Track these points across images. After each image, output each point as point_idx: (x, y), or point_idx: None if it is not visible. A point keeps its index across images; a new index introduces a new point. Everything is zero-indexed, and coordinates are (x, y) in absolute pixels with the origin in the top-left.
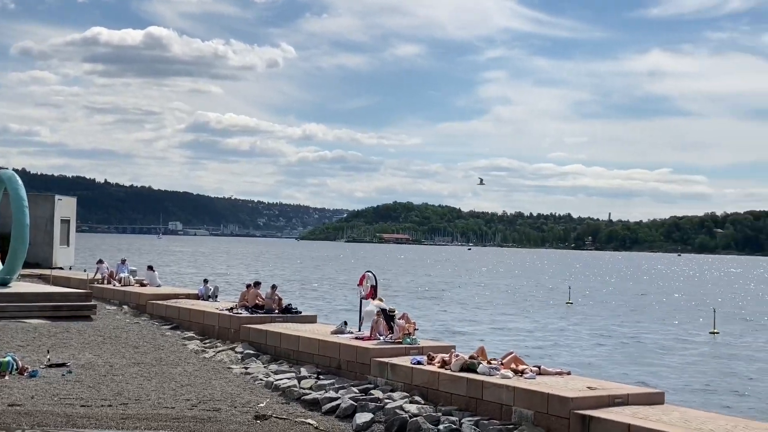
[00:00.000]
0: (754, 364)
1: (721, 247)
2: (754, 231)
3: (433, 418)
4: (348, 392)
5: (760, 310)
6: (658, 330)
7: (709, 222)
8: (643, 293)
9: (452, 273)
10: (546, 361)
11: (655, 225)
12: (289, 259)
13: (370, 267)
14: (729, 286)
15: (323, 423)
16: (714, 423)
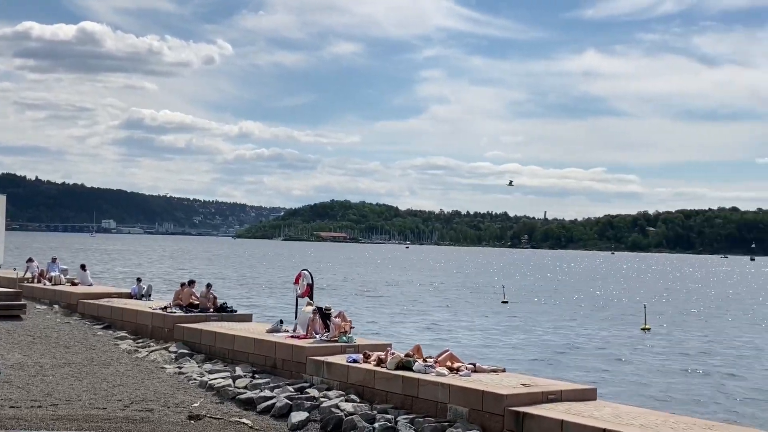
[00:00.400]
0: (685, 360)
1: (653, 245)
2: (685, 229)
3: (368, 417)
4: (283, 391)
5: (690, 307)
6: (590, 327)
7: (641, 221)
8: (577, 290)
9: (389, 271)
10: (481, 358)
11: (590, 223)
12: (225, 258)
13: (307, 265)
14: (660, 283)
15: (258, 422)
16: (645, 418)
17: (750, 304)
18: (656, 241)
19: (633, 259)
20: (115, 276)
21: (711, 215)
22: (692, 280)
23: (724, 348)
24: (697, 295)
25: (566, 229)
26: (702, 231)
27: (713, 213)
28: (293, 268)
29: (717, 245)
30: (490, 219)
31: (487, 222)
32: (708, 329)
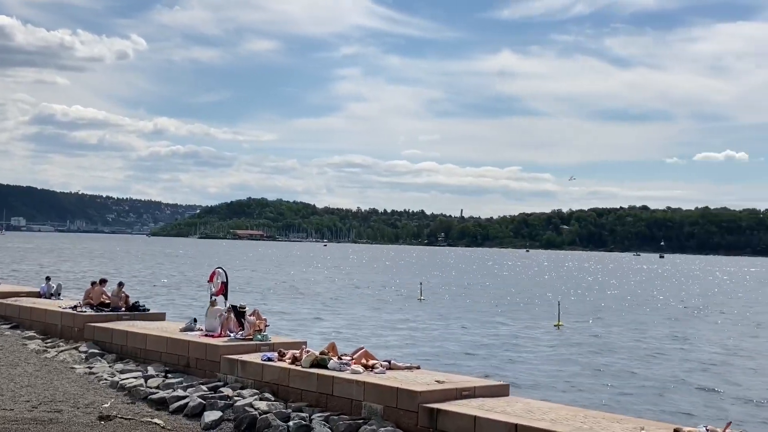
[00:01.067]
0: (596, 356)
1: (567, 243)
2: (598, 227)
3: (283, 415)
4: (196, 390)
5: (604, 304)
6: (505, 324)
7: (555, 219)
8: (492, 288)
9: (306, 269)
10: (396, 356)
11: (505, 222)
12: (139, 256)
13: (223, 263)
14: (574, 280)
15: (170, 422)
16: (556, 413)
17: (662, 301)
18: (570, 239)
19: (547, 257)
20: (24, 274)
21: (622, 214)
22: (605, 277)
23: (634, 343)
24: (609, 292)
25: (482, 227)
26: (614, 229)
27: (624, 211)
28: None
29: (628, 243)
30: (407, 217)
31: (404, 220)
32: (620, 325)
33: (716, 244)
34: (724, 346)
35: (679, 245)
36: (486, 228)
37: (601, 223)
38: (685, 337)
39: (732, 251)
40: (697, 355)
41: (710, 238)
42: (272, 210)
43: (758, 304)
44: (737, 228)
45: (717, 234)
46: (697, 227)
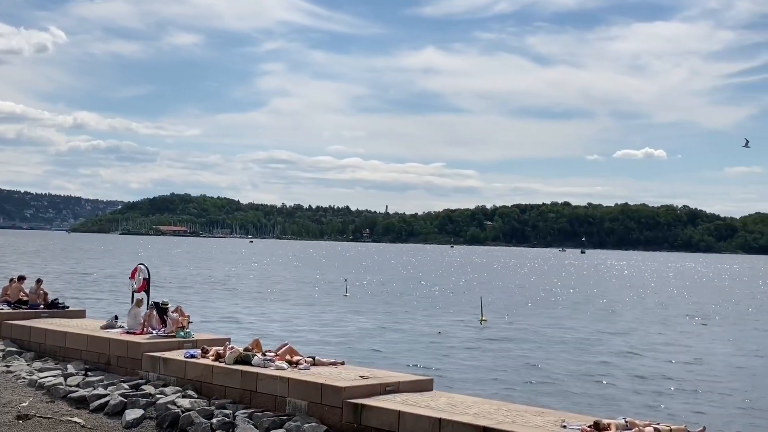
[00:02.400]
0: (520, 350)
1: (491, 238)
2: (521, 223)
3: (206, 412)
4: (117, 388)
5: (527, 299)
6: (430, 319)
7: (479, 215)
8: (417, 283)
9: (232, 265)
10: (321, 352)
11: (430, 217)
12: (58, 252)
13: (146, 260)
14: (499, 275)
15: (91, 421)
16: (479, 407)
17: (585, 296)
18: (493, 234)
19: (471, 253)
20: None
21: (545, 210)
22: (530, 273)
23: (557, 338)
24: (534, 288)
25: (407, 223)
26: (536, 225)
27: (547, 207)
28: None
29: (550, 238)
30: (332, 213)
31: (330, 216)
32: (544, 319)
33: (635, 240)
34: (642, 339)
35: (599, 241)
36: (411, 224)
37: (524, 219)
38: (608, 331)
39: (650, 247)
40: (619, 348)
41: (629, 234)
42: (196, 206)
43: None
44: (655, 224)
45: (636, 230)
46: (617, 223)
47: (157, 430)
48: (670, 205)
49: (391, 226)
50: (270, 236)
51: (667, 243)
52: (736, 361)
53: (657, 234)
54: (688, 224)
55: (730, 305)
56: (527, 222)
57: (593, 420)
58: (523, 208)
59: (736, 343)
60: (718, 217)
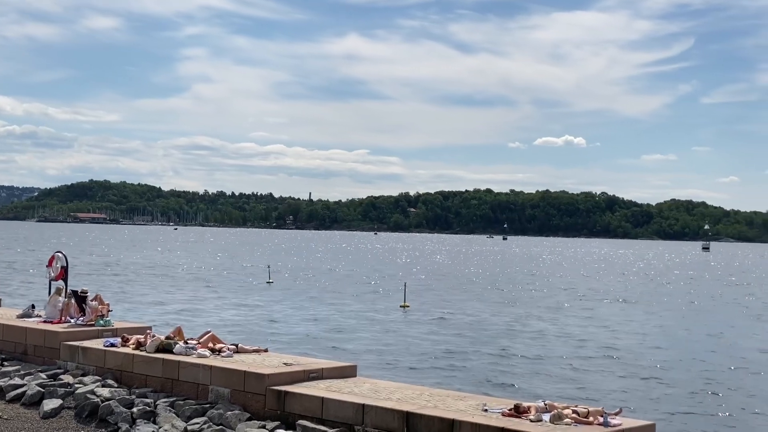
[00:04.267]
0: (442, 336)
1: (414, 225)
2: (444, 210)
3: (126, 401)
4: (35, 378)
5: (451, 284)
6: (352, 305)
7: (403, 201)
8: (341, 270)
9: (155, 252)
10: (244, 339)
11: (354, 204)
12: None
13: (64, 247)
14: (421, 261)
15: (7, 411)
16: (402, 392)
17: (510, 281)
18: (417, 221)
19: (395, 239)
20: None
21: (467, 196)
22: (453, 259)
23: (479, 323)
24: (458, 274)
25: (331, 210)
26: (459, 211)
27: (469, 194)
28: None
29: (473, 225)
30: (255, 200)
31: (253, 203)
32: (467, 305)
33: (555, 226)
34: (561, 322)
35: (521, 227)
36: (334, 211)
37: (447, 205)
38: (530, 316)
39: (570, 233)
40: (538, 332)
41: (550, 220)
42: (115, 192)
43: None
44: (575, 210)
45: (556, 216)
46: (538, 210)
47: (76, 420)
48: (589, 192)
49: (315, 213)
50: (193, 223)
51: (586, 229)
52: (651, 342)
53: (576, 220)
54: (607, 211)
55: (646, 288)
56: (450, 209)
57: (513, 403)
58: (446, 195)
59: (651, 325)
60: (635, 204)
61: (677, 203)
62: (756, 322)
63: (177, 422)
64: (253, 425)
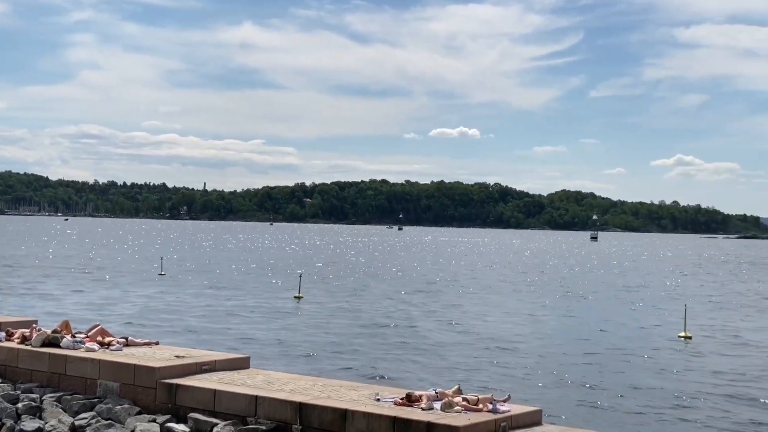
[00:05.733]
0: (336, 326)
1: (310, 215)
2: (340, 201)
3: (11, 397)
4: None
5: (345, 275)
6: (246, 296)
7: (299, 192)
8: (235, 261)
9: (42, 244)
10: (134, 332)
11: (249, 195)
12: None
13: None
14: (316, 252)
15: None
16: (295, 383)
17: (396, 273)
18: (313, 211)
19: (291, 230)
20: None
21: (363, 187)
22: (349, 250)
23: (372, 313)
24: (354, 264)
25: (226, 200)
26: (355, 202)
27: (365, 185)
28: None
29: (369, 215)
30: (147, 190)
31: (145, 193)
32: (361, 296)
33: (450, 217)
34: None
35: (416, 217)
36: (230, 201)
37: (343, 196)
38: (427, 306)
39: (464, 223)
40: (435, 322)
41: (445, 211)
42: (0, 182)
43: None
44: (469, 201)
45: (451, 207)
46: (433, 200)
47: None
48: (483, 183)
49: (210, 204)
50: (82, 214)
51: (480, 219)
52: (539, 330)
53: (471, 210)
54: (500, 201)
55: (536, 278)
56: (346, 199)
57: (405, 392)
58: (342, 186)
59: (539, 314)
60: (527, 195)
61: (567, 194)
62: (637, 309)
63: (64, 417)
64: (143, 419)
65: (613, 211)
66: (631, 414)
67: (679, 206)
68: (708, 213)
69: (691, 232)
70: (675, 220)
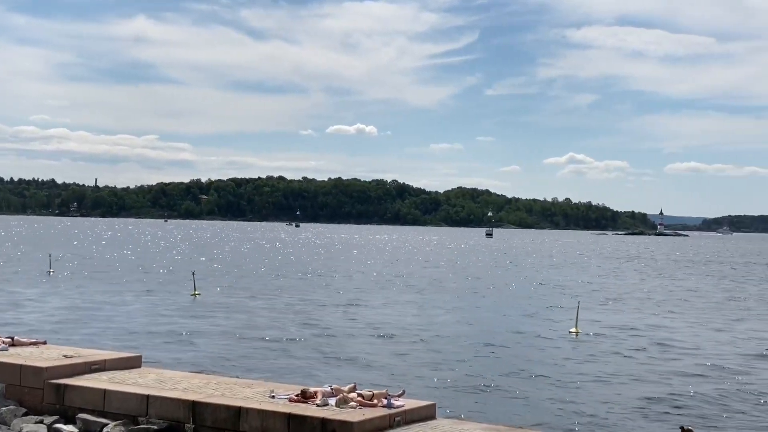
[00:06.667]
0: (231, 324)
1: (206, 212)
2: (236, 197)
3: None
4: None
5: (242, 272)
6: (140, 294)
7: (194, 188)
8: (128, 259)
9: None
10: (21, 332)
11: (143, 191)
12: None
13: None
14: (213, 249)
15: None
16: (188, 382)
17: (292, 269)
18: (208, 208)
19: (186, 227)
20: None
21: (260, 184)
22: (246, 247)
23: (267, 309)
24: (251, 262)
25: (118, 197)
26: (252, 199)
27: (262, 181)
28: None
29: (266, 212)
30: (36, 186)
31: (33, 189)
32: (255, 293)
33: (347, 213)
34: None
35: (313, 214)
36: (122, 198)
37: (239, 192)
38: (322, 300)
39: (361, 220)
40: (329, 317)
41: (342, 208)
42: None
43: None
44: (366, 198)
45: (348, 203)
46: (330, 197)
47: None
48: (380, 180)
49: (102, 200)
50: None
51: (377, 216)
52: (433, 326)
53: (368, 207)
54: (397, 198)
55: (432, 273)
56: (243, 196)
57: (301, 389)
58: (238, 182)
59: (435, 310)
60: (424, 192)
61: (463, 191)
62: (532, 305)
63: None
64: (29, 420)
65: (507, 208)
66: (521, 404)
67: (571, 203)
68: (598, 210)
69: (583, 228)
70: (567, 216)
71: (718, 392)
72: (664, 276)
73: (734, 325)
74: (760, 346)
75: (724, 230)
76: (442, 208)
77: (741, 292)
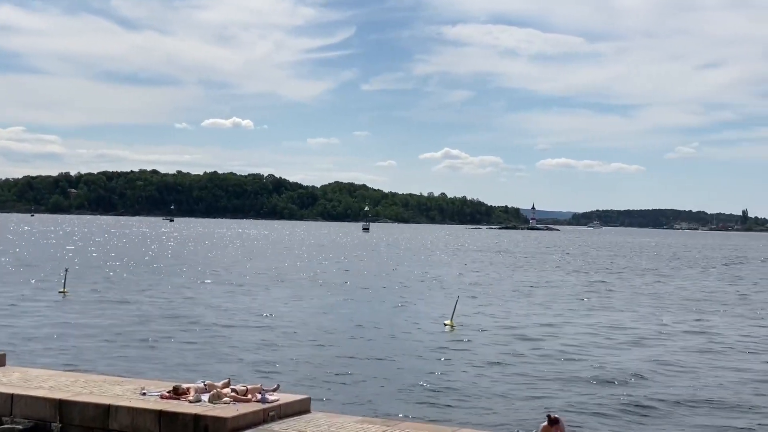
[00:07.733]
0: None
1: (75, 206)
2: (108, 191)
3: None
4: None
5: (114, 269)
6: (5, 291)
7: (63, 182)
8: None
9: None
10: None
11: (8, 185)
12: None
13: None
14: (83, 245)
15: None
16: (55, 380)
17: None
18: (78, 202)
19: (54, 221)
20: None
21: (132, 177)
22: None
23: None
24: (123, 257)
25: None
26: (124, 193)
27: (135, 175)
28: None
29: (138, 207)
30: None
31: None
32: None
33: (223, 208)
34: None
35: (188, 209)
36: None
37: (111, 186)
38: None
39: (238, 214)
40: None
41: (218, 202)
42: None
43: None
44: (243, 192)
45: (224, 198)
46: (206, 191)
47: None
48: (257, 174)
49: None
50: None
51: (254, 210)
52: (308, 320)
53: (245, 202)
54: (274, 192)
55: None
56: (114, 190)
57: (173, 385)
58: (110, 176)
59: (314, 304)
60: (301, 186)
61: (340, 186)
62: (408, 299)
63: None
64: None
65: (384, 203)
66: (395, 396)
67: (447, 198)
68: (473, 204)
69: (458, 222)
70: (443, 211)
71: (581, 378)
72: (532, 269)
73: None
74: (616, 330)
75: (595, 224)
76: (318, 202)
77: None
